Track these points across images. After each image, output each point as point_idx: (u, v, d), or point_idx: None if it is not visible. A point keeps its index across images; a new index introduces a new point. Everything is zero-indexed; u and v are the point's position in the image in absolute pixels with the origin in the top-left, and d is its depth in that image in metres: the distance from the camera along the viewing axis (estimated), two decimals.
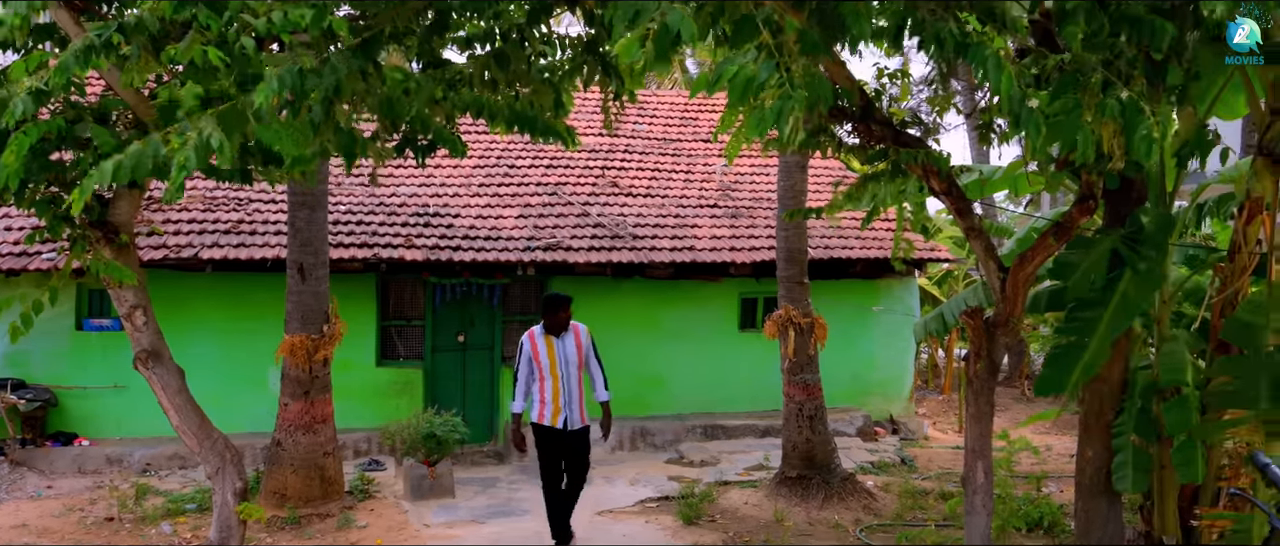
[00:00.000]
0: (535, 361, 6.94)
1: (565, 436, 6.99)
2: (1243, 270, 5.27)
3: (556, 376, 6.94)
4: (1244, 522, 5.36)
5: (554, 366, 6.93)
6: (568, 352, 6.98)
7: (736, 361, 12.09)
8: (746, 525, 8.07)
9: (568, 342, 7.01)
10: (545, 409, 6.96)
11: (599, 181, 12.64)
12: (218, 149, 3.32)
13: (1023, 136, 5.99)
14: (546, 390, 6.95)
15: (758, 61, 2.88)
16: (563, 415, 6.93)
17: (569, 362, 6.97)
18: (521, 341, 7.04)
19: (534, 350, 6.95)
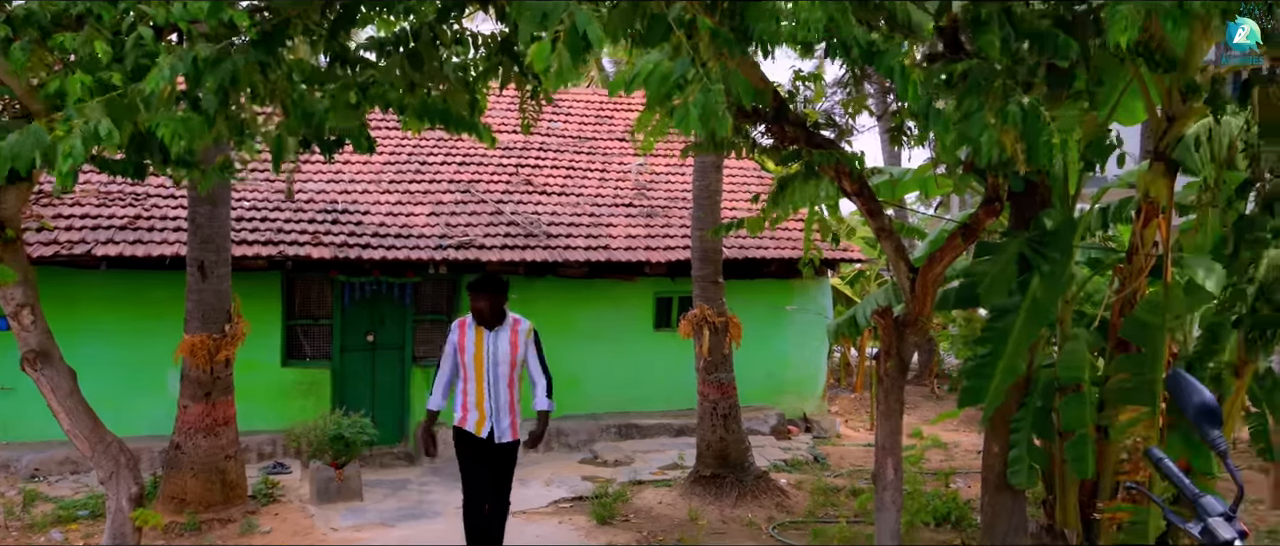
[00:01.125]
0: (460, 354, 5.94)
1: (490, 449, 5.98)
2: (1140, 271, 5.44)
3: (481, 377, 5.90)
4: (1141, 515, 5.53)
5: (480, 365, 5.89)
6: (499, 350, 5.92)
7: (651, 361, 12.09)
8: (660, 524, 8.06)
9: (501, 338, 5.94)
10: (467, 414, 5.97)
11: (513, 179, 12.51)
12: (106, 137, 3.16)
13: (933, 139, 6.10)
14: (469, 393, 5.94)
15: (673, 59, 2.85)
16: (489, 424, 5.92)
17: (499, 362, 5.91)
18: (450, 329, 6.06)
19: (460, 342, 5.95)
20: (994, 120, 3.35)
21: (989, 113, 3.34)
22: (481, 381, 5.92)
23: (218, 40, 3.64)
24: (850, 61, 3.27)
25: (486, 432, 5.94)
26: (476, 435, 5.96)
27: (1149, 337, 5.40)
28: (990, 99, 3.36)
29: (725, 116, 2.67)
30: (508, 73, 4.85)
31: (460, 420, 6.02)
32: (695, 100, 2.67)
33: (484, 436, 5.95)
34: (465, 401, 6.01)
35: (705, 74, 2.76)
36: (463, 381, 5.99)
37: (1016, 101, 3.32)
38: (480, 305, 5.90)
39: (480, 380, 5.92)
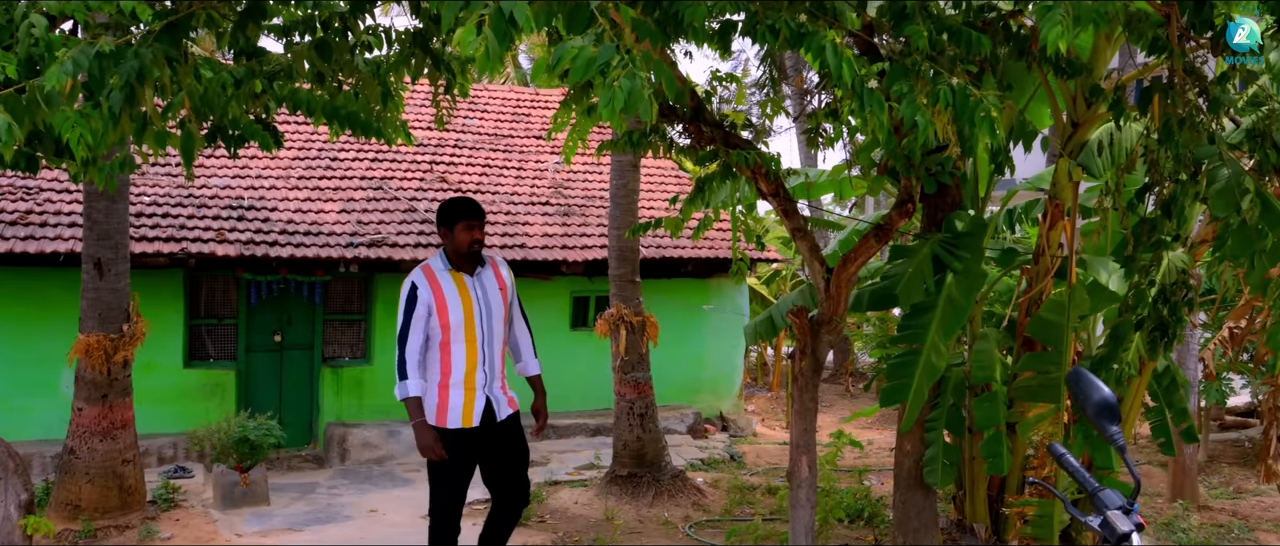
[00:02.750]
0: (439, 313, 4.47)
1: (489, 435, 4.64)
2: (1046, 272, 5.58)
3: (474, 341, 4.53)
4: (1046, 509, 5.68)
5: (471, 324, 4.51)
6: (490, 298, 4.62)
7: (568, 360, 12.01)
8: (576, 524, 8.01)
9: (488, 283, 4.65)
10: (452, 394, 4.51)
11: (427, 177, 12.32)
12: (4, 133, 2.98)
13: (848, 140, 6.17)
14: (457, 361, 4.50)
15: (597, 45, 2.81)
16: (479, 400, 4.57)
17: (493, 315, 4.62)
18: (409, 285, 4.53)
19: (436, 295, 4.47)
20: (925, 103, 3.38)
21: (920, 96, 3.37)
22: (474, 347, 4.54)
23: (116, 31, 3.48)
24: (778, 46, 3.27)
25: (480, 415, 4.58)
26: (465, 427, 4.54)
27: (1054, 336, 5.55)
28: (919, 84, 3.40)
29: (651, 102, 2.63)
30: (421, 66, 4.74)
31: (439, 410, 4.53)
32: (620, 85, 2.63)
33: (475, 424, 4.56)
34: (448, 375, 4.53)
35: (630, 60, 2.73)
36: (442, 350, 4.53)
37: (946, 83, 3.36)
38: (475, 235, 4.57)
39: (472, 344, 4.53)
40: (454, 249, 4.57)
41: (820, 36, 3.20)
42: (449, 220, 4.59)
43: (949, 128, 3.59)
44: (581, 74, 2.71)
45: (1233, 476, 9.81)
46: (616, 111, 2.61)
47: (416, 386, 4.44)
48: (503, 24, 2.67)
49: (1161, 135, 4.52)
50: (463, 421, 4.54)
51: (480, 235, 4.59)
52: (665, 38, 3.28)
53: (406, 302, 4.50)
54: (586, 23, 2.81)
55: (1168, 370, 6.29)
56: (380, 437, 10.66)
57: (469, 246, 4.56)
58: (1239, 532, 7.60)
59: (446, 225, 4.60)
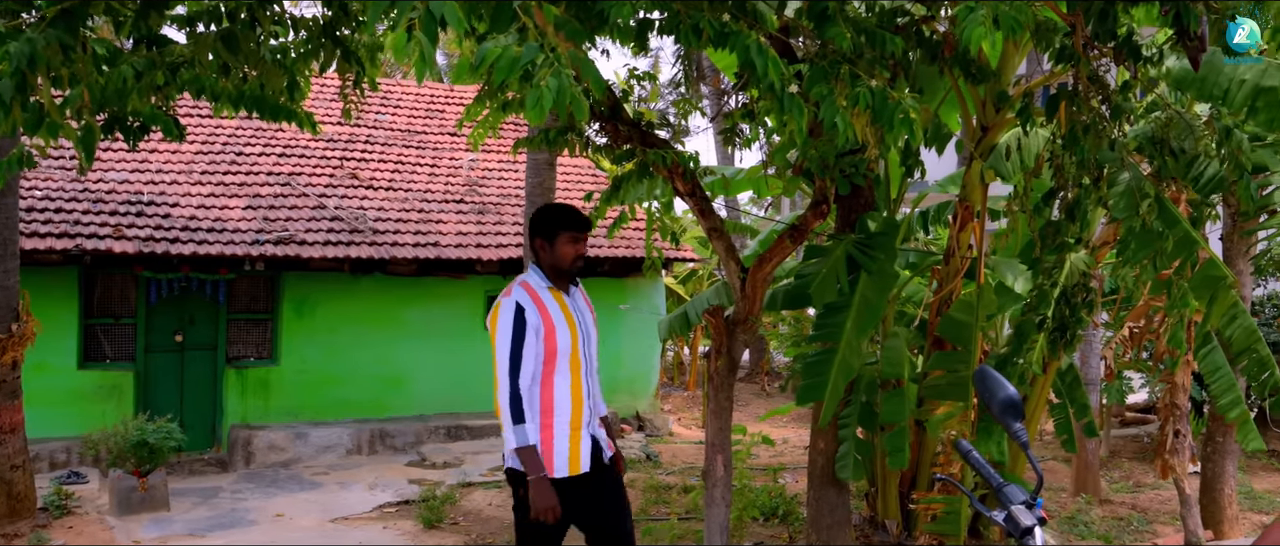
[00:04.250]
0: (546, 339, 3.75)
1: (594, 483, 3.87)
2: (956, 273, 5.69)
3: (577, 366, 3.85)
4: (953, 505, 5.79)
5: (576, 347, 3.85)
6: (588, 321, 4.00)
7: (482, 360, 11.79)
8: (490, 526, 7.91)
9: (582, 302, 4.04)
10: (556, 436, 3.77)
11: (337, 173, 12.03)
12: None
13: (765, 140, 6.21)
14: (560, 396, 3.80)
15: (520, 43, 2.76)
16: (586, 441, 3.85)
17: (592, 341, 4.01)
18: (512, 306, 3.73)
19: (543, 317, 3.76)
20: (845, 104, 3.40)
21: (839, 97, 3.40)
22: (579, 378, 3.86)
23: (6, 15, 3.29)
24: (700, 44, 3.25)
25: (589, 459, 3.85)
26: (572, 475, 3.78)
27: (963, 336, 5.66)
28: (839, 85, 3.42)
29: (581, 99, 2.58)
30: (330, 57, 4.60)
31: (546, 455, 3.73)
32: (547, 83, 2.57)
33: (585, 469, 3.83)
34: (548, 422, 3.78)
35: (556, 58, 2.68)
36: (545, 380, 3.79)
37: (865, 85, 3.39)
38: (581, 249, 3.90)
39: (577, 375, 3.85)
40: (553, 264, 3.86)
41: (744, 37, 3.19)
42: (550, 230, 3.86)
43: (868, 129, 3.62)
44: (506, 73, 2.65)
45: (1132, 471, 10.17)
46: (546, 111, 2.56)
47: (535, 431, 3.66)
48: (433, 26, 2.60)
49: (1066, 141, 4.63)
50: (569, 468, 3.77)
51: (585, 249, 3.94)
52: (589, 36, 3.23)
53: (513, 326, 3.69)
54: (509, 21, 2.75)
55: (1072, 368, 6.48)
56: (287, 440, 10.38)
57: (572, 262, 3.87)
58: (1137, 525, 7.86)
59: (545, 236, 3.87)
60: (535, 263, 3.95)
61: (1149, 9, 4.42)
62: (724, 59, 6.16)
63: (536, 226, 3.92)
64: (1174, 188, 5.58)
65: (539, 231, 3.90)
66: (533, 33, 2.63)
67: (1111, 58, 4.60)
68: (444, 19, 2.50)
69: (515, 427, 3.63)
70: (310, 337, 11.12)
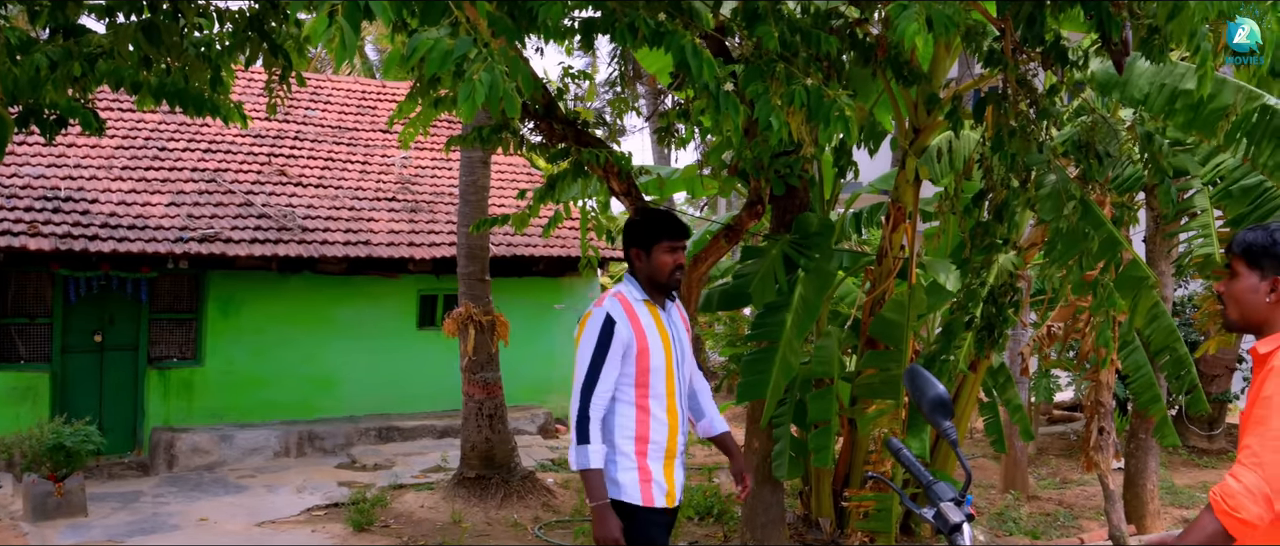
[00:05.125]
0: (639, 356, 3.45)
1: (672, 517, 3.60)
2: (888, 273, 5.76)
3: (672, 388, 3.54)
4: (885, 502, 5.86)
5: (671, 367, 3.53)
6: (683, 339, 3.67)
7: (415, 360, 11.72)
8: (422, 528, 7.80)
9: (677, 318, 3.68)
10: (651, 463, 3.47)
11: (265, 169, 11.76)
12: None
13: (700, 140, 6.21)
14: (656, 419, 3.49)
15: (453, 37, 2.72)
16: (679, 471, 3.60)
17: (687, 360, 3.68)
18: (602, 317, 3.44)
19: (636, 331, 3.45)
20: (780, 103, 3.41)
21: (775, 96, 3.40)
22: (674, 401, 3.54)
23: None
24: (636, 44, 3.23)
25: (681, 490, 3.62)
26: (669, 506, 3.52)
27: (895, 335, 5.73)
28: (774, 84, 3.42)
29: (514, 96, 2.54)
30: (256, 51, 4.49)
31: (642, 492, 3.44)
32: (481, 78, 2.53)
33: (679, 501, 3.59)
34: (643, 448, 3.47)
35: (489, 54, 2.63)
36: (636, 412, 3.47)
37: (801, 84, 3.40)
38: (680, 259, 3.58)
39: (672, 397, 3.53)
40: (649, 275, 3.54)
41: (679, 36, 3.18)
42: (646, 239, 3.54)
43: (803, 128, 3.64)
44: (437, 66, 2.60)
45: (1059, 467, 10.40)
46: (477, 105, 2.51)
47: (599, 454, 3.36)
48: (357, 15, 2.54)
49: (994, 143, 4.71)
50: (667, 499, 3.47)
51: (684, 259, 3.63)
52: (520, 33, 3.20)
53: (598, 338, 3.39)
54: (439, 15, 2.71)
55: (1003, 368, 6.59)
56: (211, 442, 10.12)
57: (670, 274, 3.53)
58: (1064, 520, 8.04)
59: (641, 245, 3.55)
60: (629, 273, 3.62)
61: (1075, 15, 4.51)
62: (656, 62, 6.16)
63: (632, 234, 3.60)
64: (1099, 190, 5.71)
65: (635, 240, 3.58)
66: (465, 27, 2.59)
67: (1039, 62, 4.69)
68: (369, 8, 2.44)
69: (578, 448, 3.35)
70: (236, 337, 10.85)
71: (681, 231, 3.58)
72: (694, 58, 3.09)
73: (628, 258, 3.61)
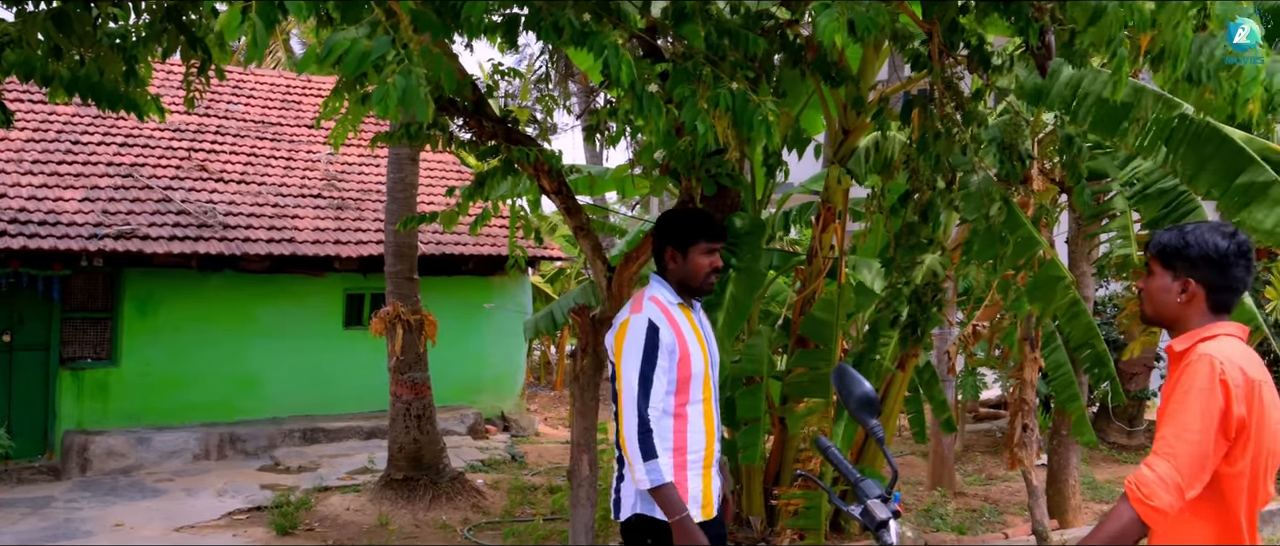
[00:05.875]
0: (681, 364, 3.29)
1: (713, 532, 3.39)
2: (818, 272, 5.80)
3: (709, 395, 3.40)
4: (814, 500, 5.91)
5: (707, 373, 3.40)
6: (713, 343, 3.52)
7: (341, 360, 11.51)
8: (347, 531, 7.66)
9: (703, 318, 3.54)
10: (690, 476, 3.32)
11: (185, 164, 11.44)
12: None
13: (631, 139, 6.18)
14: (694, 429, 3.34)
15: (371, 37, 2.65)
16: (716, 481, 3.44)
17: (716, 363, 3.52)
18: (645, 324, 3.24)
19: (678, 337, 3.29)
20: (706, 107, 3.40)
21: (701, 99, 3.39)
22: (710, 408, 3.40)
23: None
24: (560, 43, 3.19)
25: (719, 503, 3.46)
26: (706, 519, 3.35)
27: (824, 334, 5.78)
28: (700, 87, 3.41)
29: (428, 101, 2.48)
30: (174, 43, 4.34)
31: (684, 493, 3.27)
32: (395, 82, 2.46)
33: (716, 513, 3.43)
34: (682, 460, 3.31)
35: (407, 55, 2.57)
36: (674, 421, 3.30)
37: (726, 88, 3.39)
38: (717, 262, 3.43)
39: (709, 405, 3.39)
40: (683, 278, 3.37)
41: (603, 37, 3.15)
42: (684, 239, 3.36)
43: (728, 132, 3.63)
44: (354, 67, 2.54)
45: (985, 464, 10.61)
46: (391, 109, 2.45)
47: (670, 467, 3.17)
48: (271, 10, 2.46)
49: (918, 145, 4.77)
50: (702, 512, 3.33)
51: (719, 262, 3.43)
52: (445, 30, 3.13)
53: (645, 346, 3.20)
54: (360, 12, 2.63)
55: (929, 366, 6.69)
56: (127, 445, 9.81)
57: (706, 277, 3.37)
58: (989, 516, 8.20)
59: (679, 245, 3.36)
60: (658, 274, 3.43)
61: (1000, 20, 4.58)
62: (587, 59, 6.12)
63: (668, 233, 3.40)
64: (1021, 192, 5.82)
65: (671, 239, 3.38)
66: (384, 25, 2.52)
67: (965, 65, 4.76)
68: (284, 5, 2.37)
69: (647, 464, 3.11)
70: (154, 337, 10.53)
71: (721, 233, 3.42)
72: (615, 59, 3.06)
73: (659, 257, 3.43)
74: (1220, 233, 2.52)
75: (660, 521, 3.21)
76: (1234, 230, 2.55)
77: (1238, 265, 2.51)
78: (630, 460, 3.16)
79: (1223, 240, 2.51)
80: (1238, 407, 2.36)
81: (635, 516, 3.28)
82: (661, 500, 3.14)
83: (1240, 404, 2.37)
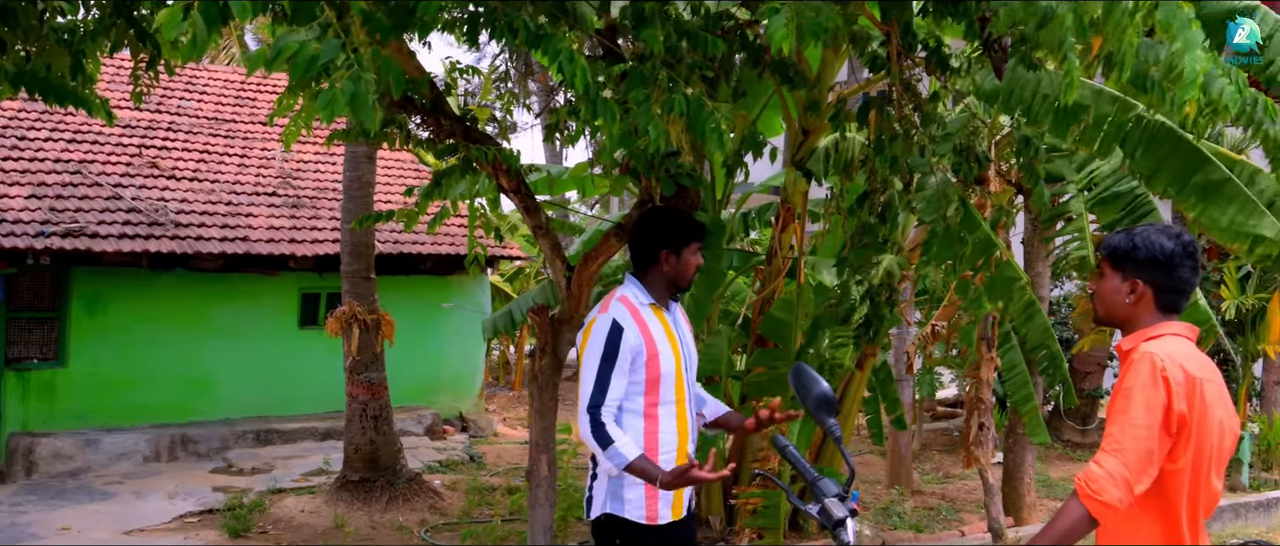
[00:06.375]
0: (649, 364, 3.27)
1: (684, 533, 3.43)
2: (778, 272, 5.81)
3: (682, 396, 3.37)
4: (773, 499, 5.93)
5: (680, 373, 3.36)
6: (690, 343, 3.51)
7: (296, 361, 11.36)
8: (302, 534, 7.56)
9: (681, 321, 3.51)
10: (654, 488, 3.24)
11: (135, 161, 11.22)
12: None
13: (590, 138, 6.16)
14: (665, 430, 3.32)
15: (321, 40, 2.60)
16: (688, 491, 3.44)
17: (692, 363, 3.48)
18: (609, 324, 3.23)
19: (645, 338, 3.26)
20: (660, 111, 3.39)
21: (655, 104, 3.38)
22: (683, 409, 3.38)
23: None
24: (515, 45, 3.16)
25: (689, 503, 3.44)
26: (675, 520, 3.34)
27: (783, 334, 5.79)
28: (655, 92, 3.40)
29: (376, 108, 2.45)
30: (122, 37, 4.25)
31: (648, 509, 3.26)
32: (343, 88, 2.43)
33: (686, 513, 3.41)
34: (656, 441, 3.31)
35: (356, 59, 2.54)
36: (646, 409, 3.29)
37: (681, 93, 3.38)
38: (701, 262, 3.46)
39: (681, 406, 3.37)
40: (675, 278, 3.37)
41: (558, 40, 3.13)
42: (676, 241, 3.34)
43: (683, 136, 3.63)
44: (302, 72, 2.50)
45: (942, 462, 10.72)
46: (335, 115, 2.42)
47: (630, 445, 3.14)
48: (215, 10, 2.41)
49: (875, 147, 4.80)
50: (673, 512, 3.30)
51: (696, 258, 3.41)
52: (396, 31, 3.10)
53: (605, 346, 3.19)
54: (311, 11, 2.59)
55: (885, 366, 6.74)
56: (75, 447, 9.60)
57: (691, 279, 3.42)
58: (946, 514, 8.28)
59: (670, 246, 3.34)
60: (634, 274, 3.40)
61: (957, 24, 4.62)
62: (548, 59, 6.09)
63: (660, 235, 3.35)
64: (978, 193, 5.88)
65: (665, 241, 3.34)
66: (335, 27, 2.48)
67: (923, 67, 4.79)
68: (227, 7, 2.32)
69: (607, 451, 3.10)
70: (103, 337, 10.32)
71: (705, 231, 3.47)
72: (569, 63, 3.05)
73: (648, 259, 3.37)
74: (1167, 235, 2.58)
75: (629, 521, 3.23)
76: (1180, 232, 2.61)
77: (1184, 266, 2.57)
78: (595, 453, 3.19)
79: (1169, 242, 2.57)
80: (1179, 404, 2.42)
81: (604, 515, 3.28)
82: (638, 474, 3.12)
83: (1181, 400, 2.42)
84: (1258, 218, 5.18)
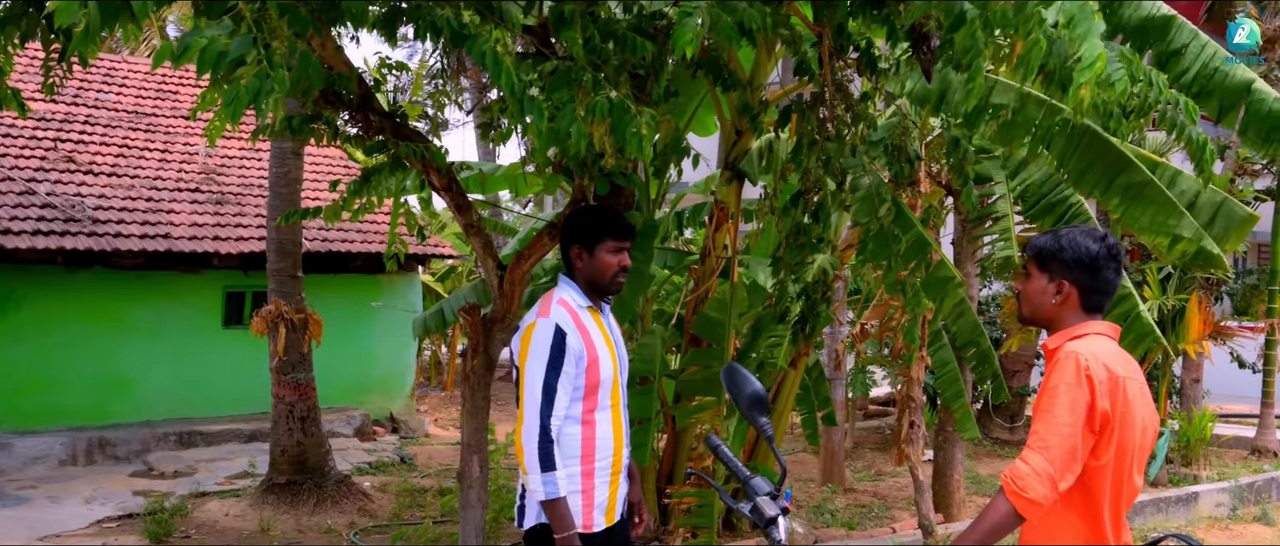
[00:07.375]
0: (589, 370, 3.21)
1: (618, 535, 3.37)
2: (711, 272, 5.82)
3: (618, 400, 3.35)
4: (707, 498, 5.93)
5: (616, 377, 3.34)
6: (622, 346, 3.47)
7: (220, 361, 11.08)
8: (227, 538, 7.38)
9: (613, 324, 3.48)
10: (598, 482, 3.26)
11: (50, 155, 10.84)
12: None
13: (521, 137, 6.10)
14: (602, 435, 3.27)
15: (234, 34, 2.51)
16: (623, 487, 3.38)
17: (624, 367, 3.45)
18: (551, 328, 3.14)
19: (586, 342, 3.20)
20: (583, 114, 3.35)
21: (579, 106, 3.34)
22: (619, 413, 3.35)
23: None
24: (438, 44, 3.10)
25: (621, 510, 3.39)
26: (608, 526, 3.30)
27: (717, 333, 5.80)
28: (580, 93, 3.36)
29: (280, 105, 2.39)
30: (32, 27, 4.08)
31: (583, 517, 3.21)
32: (248, 85, 2.35)
33: (619, 518, 3.36)
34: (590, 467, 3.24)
35: (267, 56, 2.46)
36: (582, 428, 3.22)
37: (605, 95, 3.34)
38: (625, 261, 3.34)
39: (617, 410, 3.34)
40: (591, 278, 3.29)
41: (483, 40, 3.08)
42: (590, 236, 3.28)
43: (606, 138, 3.59)
44: (208, 68, 2.42)
45: (874, 460, 10.84)
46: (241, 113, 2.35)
47: (566, 480, 3.09)
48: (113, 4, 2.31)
49: (795, 150, 4.82)
50: (606, 519, 3.26)
51: (628, 261, 3.35)
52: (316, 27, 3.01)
53: (551, 352, 3.09)
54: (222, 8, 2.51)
55: (817, 364, 6.79)
56: None
57: (613, 277, 3.29)
58: (878, 511, 8.37)
59: (585, 244, 3.29)
60: (566, 274, 3.34)
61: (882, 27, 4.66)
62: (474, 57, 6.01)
63: (574, 231, 3.32)
64: (910, 193, 5.94)
65: (576, 237, 3.30)
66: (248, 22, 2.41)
67: (855, 69, 4.82)
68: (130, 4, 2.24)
69: (545, 476, 3.03)
70: (15, 337, 9.95)
71: (628, 231, 3.34)
72: (494, 63, 3.00)
73: (565, 256, 3.34)
74: (1093, 237, 2.63)
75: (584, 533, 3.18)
76: (1105, 235, 2.65)
77: (1108, 267, 2.62)
78: (526, 468, 3.08)
79: (1094, 244, 2.62)
80: (1102, 402, 2.46)
81: (538, 525, 3.20)
82: (552, 515, 3.07)
83: (1104, 398, 2.47)
84: (1177, 218, 5.34)
